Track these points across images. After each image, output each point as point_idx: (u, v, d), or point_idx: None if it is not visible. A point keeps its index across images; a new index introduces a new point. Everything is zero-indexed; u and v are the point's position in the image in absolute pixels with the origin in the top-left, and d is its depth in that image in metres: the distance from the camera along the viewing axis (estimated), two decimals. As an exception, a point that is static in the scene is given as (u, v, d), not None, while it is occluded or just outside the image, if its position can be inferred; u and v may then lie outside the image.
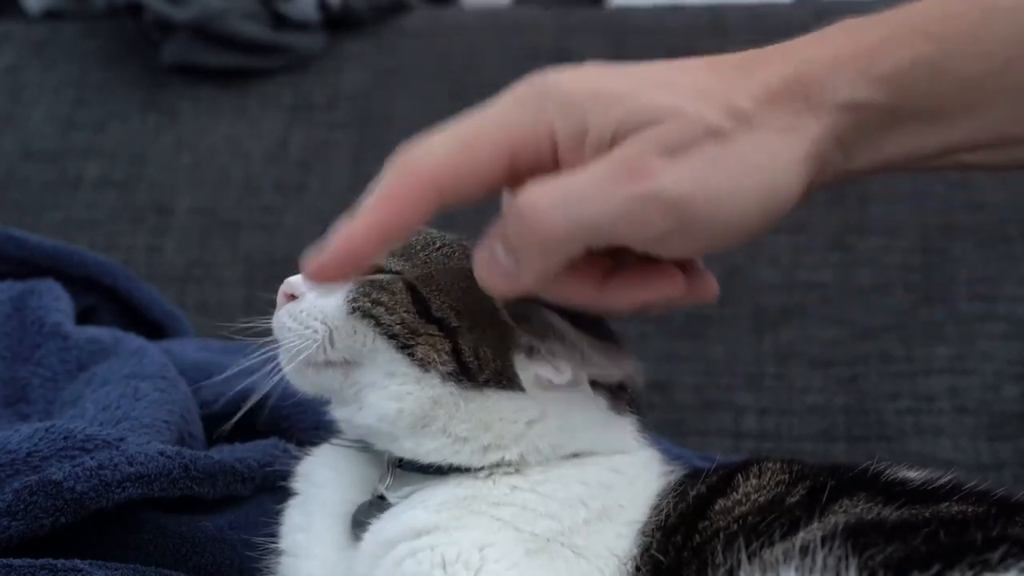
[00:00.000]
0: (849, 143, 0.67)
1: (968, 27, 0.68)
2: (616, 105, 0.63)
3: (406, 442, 0.72)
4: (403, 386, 0.72)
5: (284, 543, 0.75)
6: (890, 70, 0.67)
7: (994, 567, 0.57)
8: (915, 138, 0.68)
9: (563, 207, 0.60)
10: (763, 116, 0.65)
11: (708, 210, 0.61)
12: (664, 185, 0.60)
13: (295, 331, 0.74)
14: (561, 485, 0.71)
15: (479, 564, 0.67)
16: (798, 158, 0.65)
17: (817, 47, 0.70)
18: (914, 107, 0.67)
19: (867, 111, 0.66)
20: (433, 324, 0.72)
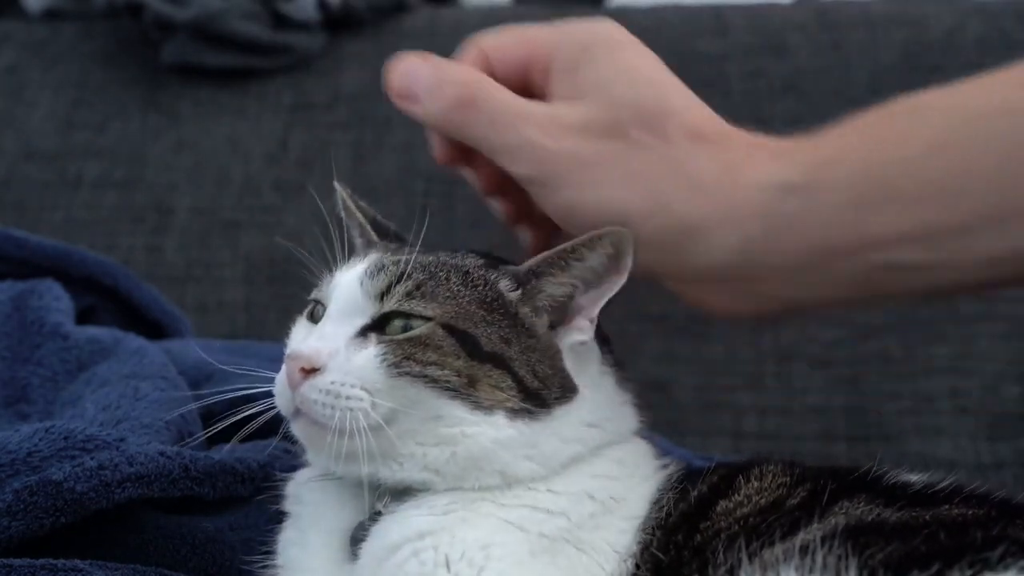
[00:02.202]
0: (774, 225, 0.70)
1: (894, 122, 0.71)
2: (598, 67, 0.74)
3: (447, 484, 0.70)
4: (455, 428, 0.69)
5: (280, 559, 0.75)
6: (815, 157, 0.71)
7: (993, 566, 0.57)
8: (835, 228, 0.69)
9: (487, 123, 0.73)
10: (683, 153, 0.71)
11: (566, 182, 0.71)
12: (551, 146, 0.71)
13: (333, 405, 0.68)
14: (571, 479, 0.71)
15: (483, 562, 0.67)
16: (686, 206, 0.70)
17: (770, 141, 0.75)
18: (836, 195, 0.69)
19: (784, 192, 0.70)
20: (488, 362, 0.69)
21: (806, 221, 0.70)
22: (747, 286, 0.73)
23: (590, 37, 0.76)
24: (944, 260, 0.69)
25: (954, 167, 0.67)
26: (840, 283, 0.71)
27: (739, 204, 0.70)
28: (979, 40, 1.54)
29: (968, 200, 0.67)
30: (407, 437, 0.69)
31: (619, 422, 0.75)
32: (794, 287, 0.72)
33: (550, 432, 0.70)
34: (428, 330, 0.69)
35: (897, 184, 0.68)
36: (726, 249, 0.70)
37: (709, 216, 0.70)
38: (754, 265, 0.71)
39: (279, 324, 0.79)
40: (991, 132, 0.67)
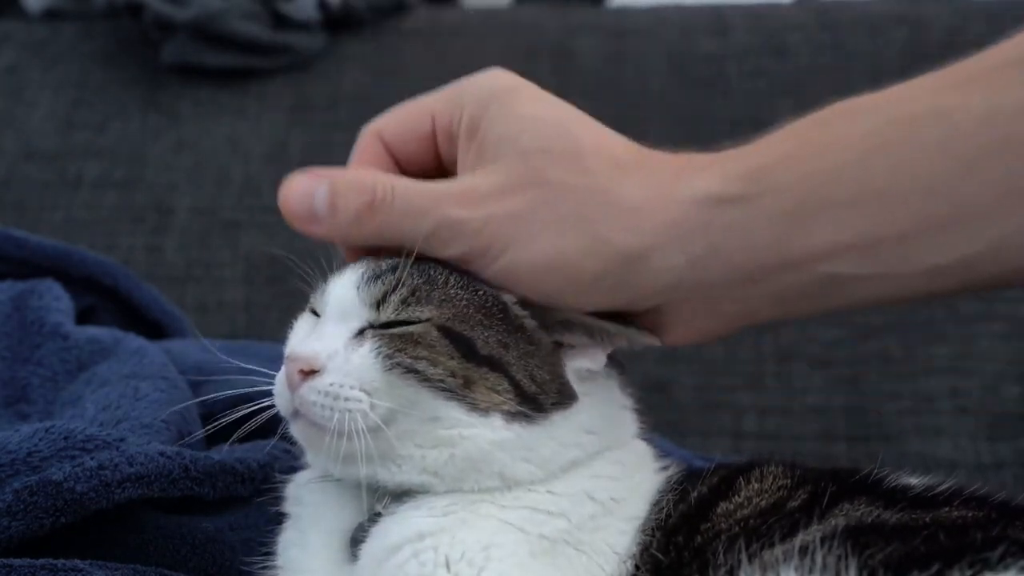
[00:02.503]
0: (714, 239, 0.68)
1: (828, 128, 0.70)
2: (497, 119, 0.72)
3: (446, 487, 0.70)
4: (452, 430, 0.69)
5: (280, 559, 0.75)
6: (749, 167, 0.69)
7: (993, 566, 0.57)
8: (776, 240, 0.68)
9: (400, 218, 0.70)
10: (611, 182, 0.70)
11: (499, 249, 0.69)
12: (471, 217, 0.69)
13: (332, 407, 0.67)
14: (571, 480, 0.71)
15: (483, 563, 0.67)
16: (614, 245, 0.68)
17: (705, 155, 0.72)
18: (773, 205, 0.68)
19: (721, 205, 0.68)
20: (484, 365, 0.69)
21: (745, 232, 0.68)
22: (696, 306, 0.71)
23: (484, 93, 0.75)
24: (888, 271, 0.68)
25: (888, 173, 0.66)
26: (786, 296, 0.70)
27: (676, 222, 0.69)
28: (979, 40, 1.52)
29: (904, 207, 0.66)
30: (406, 439, 0.69)
31: (620, 428, 0.75)
32: (744, 303, 0.71)
33: (547, 436, 0.70)
34: (422, 329, 0.69)
35: (833, 191, 0.67)
36: (671, 270, 0.69)
37: (648, 240, 0.69)
38: (701, 284, 0.70)
39: (279, 324, 0.79)
40: (922, 137, 0.66)
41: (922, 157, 0.66)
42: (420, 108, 0.77)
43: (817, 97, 1.63)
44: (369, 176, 0.72)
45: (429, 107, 0.76)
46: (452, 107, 0.75)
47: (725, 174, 0.69)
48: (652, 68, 1.60)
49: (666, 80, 1.59)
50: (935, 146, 0.66)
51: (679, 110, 1.56)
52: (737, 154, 0.70)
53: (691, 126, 1.54)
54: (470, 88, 0.75)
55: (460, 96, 0.75)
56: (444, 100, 0.76)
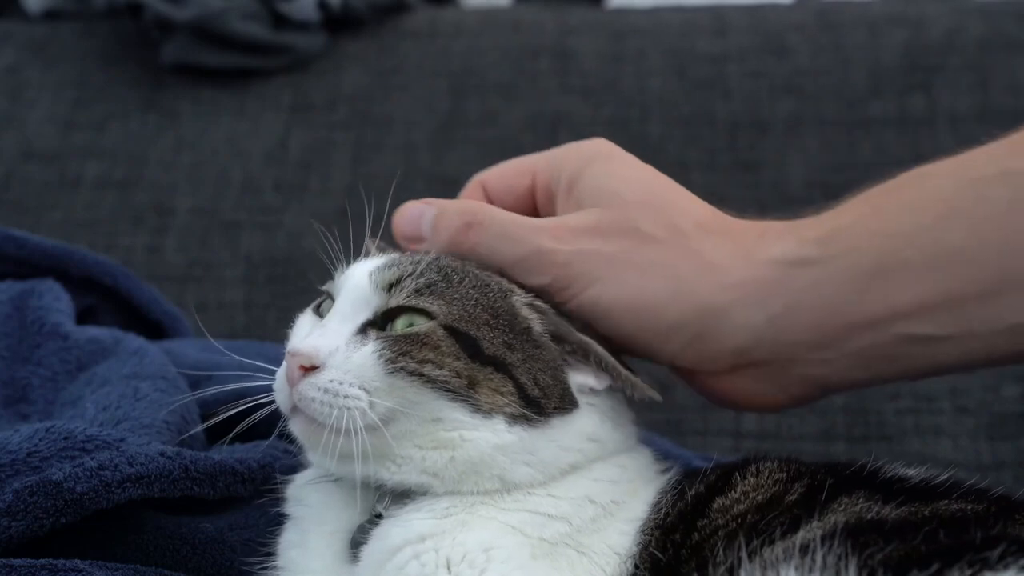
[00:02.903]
0: (793, 300, 0.71)
1: (900, 193, 0.72)
2: (596, 173, 0.76)
3: (446, 488, 0.70)
4: (453, 432, 0.69)
5: (280, 560, 0.75)
6: (825, 230, 0.72)
7: (993, 566, 0.57)
8: (854, 301, 0.70)
9: (492, 239, 0.74)
10: (695, 241, 0.73)
11: (584, 283, 0.73)
12: (561, 250, 0.73)
13: (331, 404, 0.67)
14: (572, 483, 0.71)
15: (484, 565, 0.67)
16: (698, 294, 0.72)
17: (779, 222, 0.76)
18: (850, 266, 0.70)
19: (799, 267, 0.71)
20: (489, 365, 0.69)
21: (824, 293, 0.71)
22: (776, 369, 0.74)
23: (586, 153, 0.79)
24: (967, 331, 0.69)
25: (964, 234, 0.68)
26: (867, 358, 0.72)
27: (756, 281, 0.72)
28: (979, 40, 1.54)
29: (981, 267, 0.68)
30: (405, 439, 0.69)
31: (621, 438, 0.75)
32: (821, 365, 0.73)
33: (548, 440, 0.70)
34: (428, 329, 0.69)
35: (909, 253, 0.69)
36: (750, 328, 0.72)
37: (730, 296, 0.72)
38: (779, 343, 0.72)
39: (279, 324, 0.79)
40: (993, 199, 0.68)
41: (994, 218, 0.68)
42: (522, 165, 0.81)
43: (817, 97, 1.64)
44: (473, 203, 0.78)
45: (531, 165, 0.80)
46: (553, 166, 0.79)
47: (801, 237, 0.72)
48: (652, 68, 1.60)
49: (666, 80, 1.59)
50: (1006, 207, 0.67)
51: (679, 110, 1.56)
52: (814, 220, 0.74)
53: (691, 126, 1.54)
54: (571, 150, 0.79)
55: (562, 156, 0.79)
56: (546, 159, 0.80)
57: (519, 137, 1.57)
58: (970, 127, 1.48)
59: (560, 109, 1.58)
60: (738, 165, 1.51)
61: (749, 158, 1.52)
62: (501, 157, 1.42)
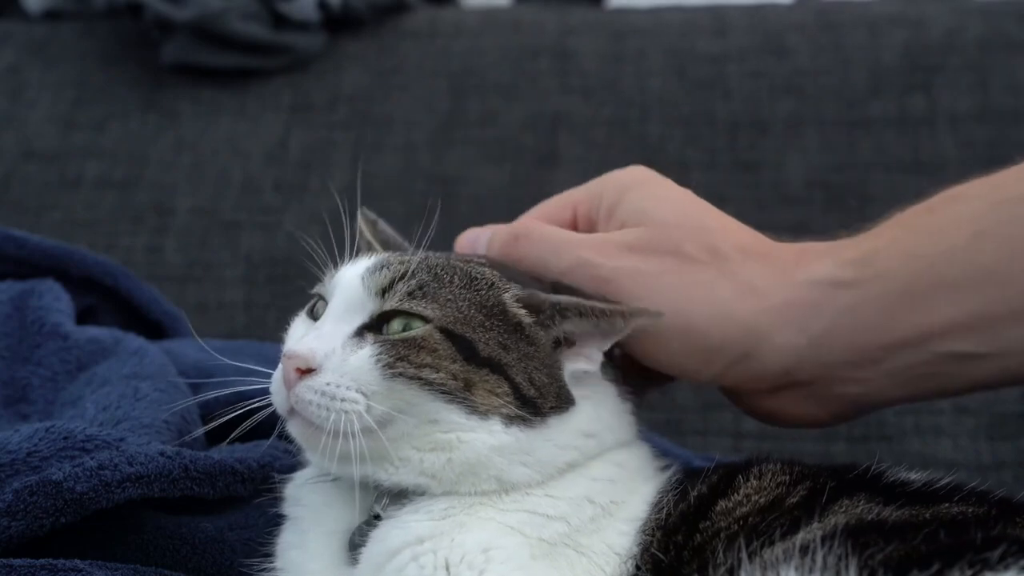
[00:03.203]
0: (833, 321, 0.72)
1: (935, 214, 0.73)
2: (637, 197, 0.78)
3: (443, 489, 0.70)
4: (450, 433, 0.69)
5: (279, 561, 0.75)
6: (861, 252, 0.73)
7: (993, 566, 0.57)
8: (892, 320, 0.71)
9: (538, 250, 0.77)
10: (736, 265, 0.74)
11: (625, 297, 0.73)
12: (603, 262, 0.74)
13: (328, 407, 0.67)
14: (569, 483, 0.71)
15: (483, 566, 0.67)
16: (740, 314, 0.73)
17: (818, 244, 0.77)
18: (886, 287, 0.72)
19: (837, 288, 0.72)
20: (485, 367, 0.69)
21: (862, 314, 0.72)
22: (818, 389, 0.75)
23: (625, 180, 0.81)
24: (1003, 349, 0.70)
25: (999, 253, 0.69)
26: (906, 377, 0.73)
27: (795, 303, 0.73)
28: (979, 40, 1.54)
29: (1015, 285, 0.69)
30: (403, 441, 0.69)
31: (618, 431, 0.75)
32: (861, 384, 0.74)
33: (544, 439, 0.70)
34: (425, 332, 0.69)
35: (946, 273, 0.70)
36: (792, 349, 0.73)
37: (771, 318, 0.73)
38: (820, 364, 0.73)
39: (279, 324, 0.79)
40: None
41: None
42: (563, 200, 0.83)
43: (817, 97, 1.64)
44: (523, 220, 0.81)
45: (573, 199, 0.82)
46: (593, 196, 0.81)
47: (838, 260, 0.73)
48: (652, 68, 1.60)
49: (666, 80, 1.59)
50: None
51: (679, 110, 1.56)
52: (850, 242, 0.75)
53: (691, 126, 1.54)
54: (611, 179, 0.81)
55: (601, 186, 0.81)
56: (586, 191, 0.82)
57: (519, 137, 1.57)
58: (970, 127, 1.48)
59: (560, 109, 1.58)
60: (738, 165, 1.51)
61: (749, 158, 1.52)
62: (501, 157, 1.42)
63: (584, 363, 0.73)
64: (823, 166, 1.49)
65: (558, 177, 1.52)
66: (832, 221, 1.47)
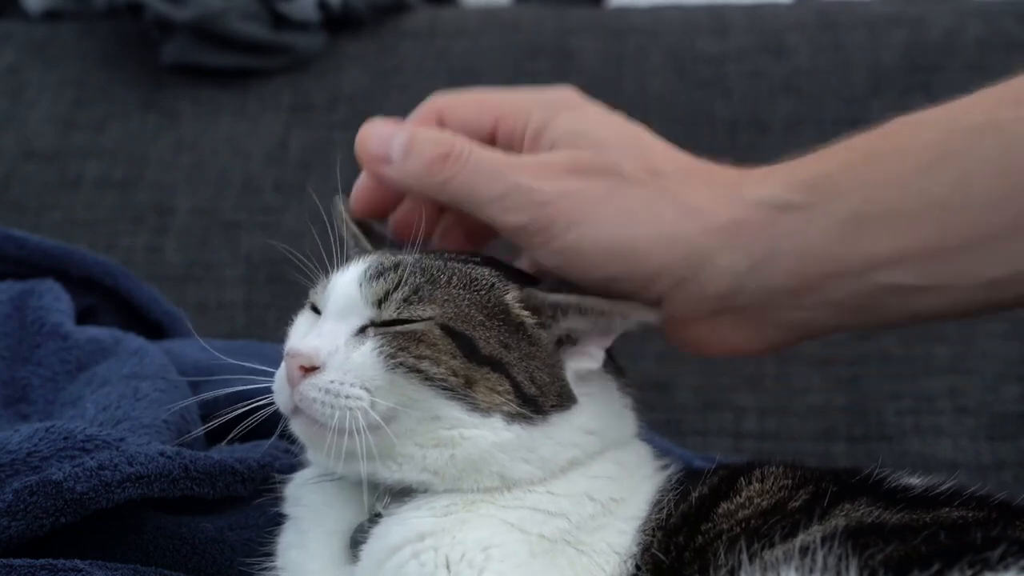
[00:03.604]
0: (776, 244, 0.70)
1: (889, 139, 0.71)
2: (569, 118, 0.74)
3: (446, 486, 0.70)
4: (453, 430, 0.69)
5: (279, 561, 0.75)
6: (811, 174, 0.71)
7: (993, 566, 0.57)
8: (837, 247, 0.69)
9: (471, 174, 0.71)
10: (677, 184, 0.72)
11: (564, 224, 0.70)
12: (543, 188, 0.70)
13: (332, 404, 0.67)
14: (570, 480, 0.71)
15: (483, 563, 0.67)
16: (681, 236, 0.70)
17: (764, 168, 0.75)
18: (834, 212, 0.69)
19: (783, 210, 0.70)
20: (485, 365, 0.69)
21: (807, 239, 0.70)
22: (755, 314, 0.73)
23: (557, 99, 0.77)
24: (945, 282, 0.69)
25: (950, 184, 0.67)
26: (846, 307, 0.71)
27: (739, 223, 0.71)
28: (979, 40, 1.54)
29: (965, 216, 0.67)
30: (406, 437, 0.69)
31: (619, 428, 0.75)
32: (800, 310, 0.72)
33: (547, 436, 0.70)
34: (425, 327, 0.69)
35: (894, 202, 0.68)
36: (734, 273, 0.71)
37: (715, 240, 0.70)
38: (761, 289, 0.71)
39: (279, 324, 0.79)
40: (981, 149, 0.67)
41: (982, 169, 0.67)
42: (485, 103, 0.77)
43: (817, 97, 1.64)
44: (449, 134, 0.74)
45: (495, 106, 0.77)
46: (519, 112, 0.76)
47: (787, 181, 0.71)
48: (652, 68, 1.60)
49: (666, 80, 1.59)
50: (994, 158, 0.67)
51: (679, 110, 1.56)
52: (798, 163, 0.73)
53: (691, 126, 1.54)
54: (538, 97, 0.77)
55: (528, 103, 0.76)
56: (511, 103, 0.77)
57: (519, 137, 1.57)
58: (970, 127, 1.48)
59: (560, 109, 1.58)
60: (738, 165, 1.51)
61: (749, 158, 1.50)
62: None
63: (588, 361, 0.72)
64: (823, 166, 1.49)
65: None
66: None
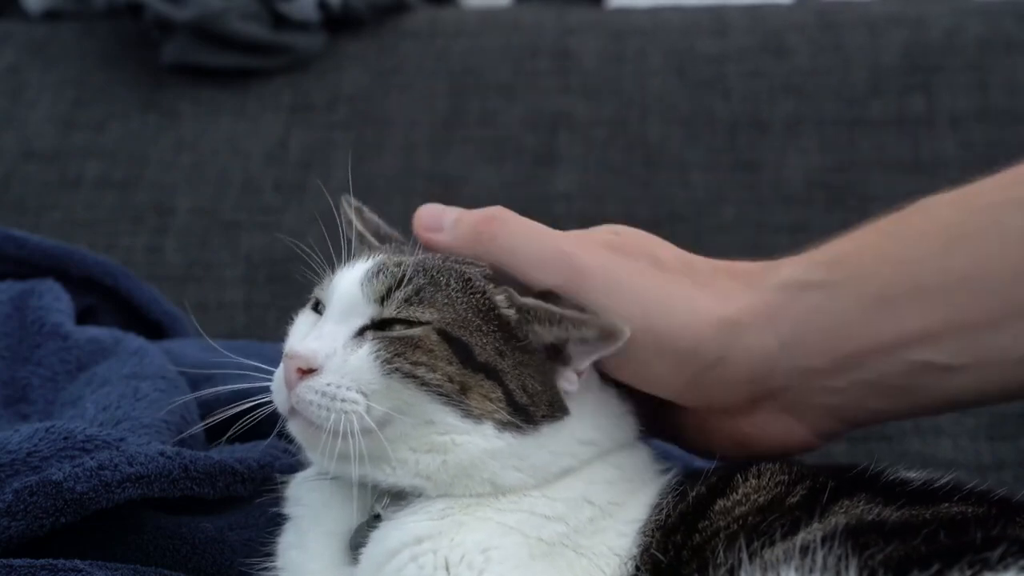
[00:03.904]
0: (803, 326, 0.71)
1: (911, 220, 0.72)
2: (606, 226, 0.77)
3: (439, 491, 0.70)
4: (445, 436, 0.69)
5: (280, 561, 0.75)
6: (833, 255, 0.72)
7: (993, 566, 0.57)
8: (864, 324, 0.70)
9: (513, 235, 0.74)
10: (706, 277, 0.73)
11: (600, 291, 0.71)
12: (581, 255, 0.72)
13: (328, 407, 0.68)
14: (567, 486, 0.71)
15: (483, 566, 0.67)
16: (713, 314, 0.71)
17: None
18: (858, 289, 0.70)
19: (806, 289, 0.71)
20: (480, 372, 0.69)
21: (832, 316, 0.70)
22: (792, 400, 0.73)
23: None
24: (979, 360, 0.69)
25: (973, 260, 0.68)
26: (882, 388, 0.71)
27: (764, 303, 0.72)
28: (979, 40, 1.54)
29: (990, 293, 0.68)
30: (400, 442, 0.69)
31: (618, 435, 0.74)
32: (837, 394, 0.72)
33: (538, 446, 0.70)
34: (423, 332, 0.69)
35: (918, 279, 0.69)
36: (764, 351, 0.71)
37: (742, 319, 0.71)
38: (793, 369, 0.72)
39: (279, 324, 0.79)
40: (1004, 225, 0.68)
41: (1006, 245, 0.67)
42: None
43: (817, 97, 1.64)
44: (496, 207, 0.77)
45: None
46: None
47: (809, 262, 0.72)
48: (652, 68, 1.60)
49: (666, 80, 1.59)
50: (1014, 233, 0.67)
51: (679, 110, 1.56)
52: (821, 247, 0.74)
53: (691, 126, 1.54)
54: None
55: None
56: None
57: (519, 137, 1.57)
58: (970, 127, 1.48)
59: (560, 109, 1.58)
60: (738, 165, 1.51)
61: (749, 158, 1.52)
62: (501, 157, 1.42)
63: (565, 383, 0.72)
64: (823, 166, 1.49)
65: (558, 177, 1.53)
66: (832, 221, 1.46)
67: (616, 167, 1.51)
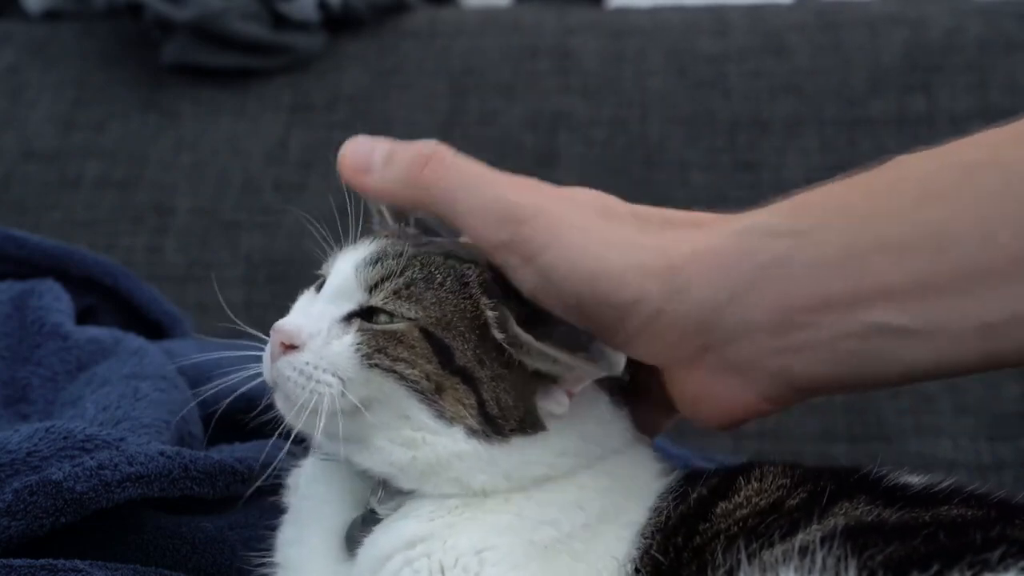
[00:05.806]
0: (761, 274, 0.67)
1: (883, 173, 0.69)
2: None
3: (410, 484, 0.70)
4: (418, 432, 0.69)
5: (277, 557, 0.75)
6: (798, 204, 0.69)
7: (993, 567, 0.57)
8: (824, 277, 0.66)
9: (453, 182, 0.69)
10: (657, 227, 0.70)
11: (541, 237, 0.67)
12: (525, 204, 0.68)
13: (303, 386, 0.69)
14: (558, 491, 0.71)
15: (478, 568, 0.67)
16: (659, 262, 0.68)
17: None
18: (822, 238, 0.67)
19: (767, 236, 0.68)
20: (457, 376, 0.69)
21: (792, 267, 0.67)
22: (738, 358, 0.69)
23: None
24: (935, 324, 0.65)
25: (944, 218, 0.65)
26: (834, 351, 0.68)
27: (721, 250, 0.68)
28: (979, 40, 1.54)
29: (959, 253, 0.65)
30: (377, 430, 0.69)
31: (608, 443, 0.73)
32: (787, 354, 0.68)
33: (506, 456, 0.69)
34: (406, 328, 0.69)
35: (886, 231, 0.66)
36: (713, 301, 0.67)
37: (693, 265, 0.67)
38: (740, 324, 0.68)
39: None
40: (981, 184, 0.65)
41: (979, 205, 0.65)
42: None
43: (817, 97, 1.64)
44: (431, 143, 0.71)
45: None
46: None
47: (774, 210, 0.69)
48: (652, 68, 1.60)
49: (666, 80, 1.59)
50: (993, 195, 0.64)
51: (679, 110, 1.56)
52: (788, 198, 0.70)
53: (691, 126, 1.54)
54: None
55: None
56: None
57: (519, 137, 1.57)
58: (970, 127, 1.46)
59: (560, 109, 1.58)
60: (738, 165, 1.51)
61: (749, 158, 1.52)
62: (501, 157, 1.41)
63: (554, 405, 0.70)
64: (823, 166, 1.49)
65: (558, 177, 1.52)
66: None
67: (616, 167, 1.51)
